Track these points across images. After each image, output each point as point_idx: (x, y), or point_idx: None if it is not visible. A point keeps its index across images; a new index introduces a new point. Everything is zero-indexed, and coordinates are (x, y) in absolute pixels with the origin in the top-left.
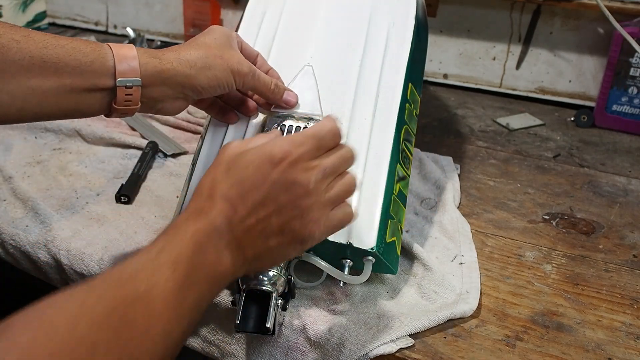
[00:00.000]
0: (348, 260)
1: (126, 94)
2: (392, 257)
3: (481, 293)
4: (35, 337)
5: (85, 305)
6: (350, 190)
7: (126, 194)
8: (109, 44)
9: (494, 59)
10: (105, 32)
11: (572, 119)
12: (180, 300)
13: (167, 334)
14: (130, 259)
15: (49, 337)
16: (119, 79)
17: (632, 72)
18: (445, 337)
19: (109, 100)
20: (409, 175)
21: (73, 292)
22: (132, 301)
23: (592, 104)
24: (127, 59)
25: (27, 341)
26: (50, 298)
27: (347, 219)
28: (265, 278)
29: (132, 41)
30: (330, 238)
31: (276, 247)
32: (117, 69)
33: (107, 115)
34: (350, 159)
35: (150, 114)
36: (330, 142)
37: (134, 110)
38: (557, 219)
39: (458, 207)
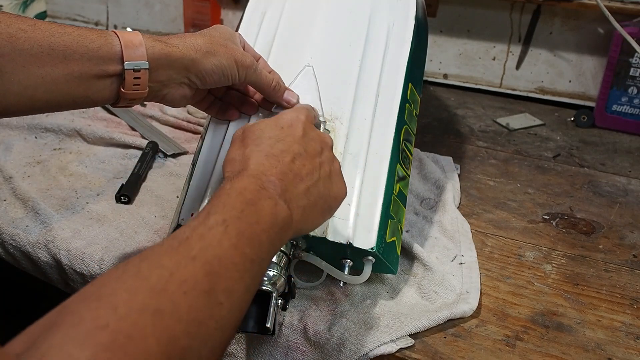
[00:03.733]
0: (348, 260)
1: (134, 78)
2: (392, 257)
3: (481, 293)
4: (97, 315)
5: (141, 275)
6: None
7: (126, 194)
8: (114, 30)
9: (494, 59)
10: None
11: (572, 119)
12: (238, 257)
13: (230, 292)
14: (178, 229)
15: (110, 312)
16: (126, 62)
17: (632, 72)
18: (445, 337)
19: (117, 86)
20: (409, 175)
21: (126, 265)
22: (187, 263)
23: (592, 104)
24: (134, 44)
25: (90, 320)
26: (102, 275)
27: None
28: (265, 278)
29: None
30: (330, 238)
31: (325, 194)
32: (125, 54)
33: (115, 104)
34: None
35: (150, 114)
36: (312, 114)
37: (142, 95)
38: (557, 219)
39: (458, 207)
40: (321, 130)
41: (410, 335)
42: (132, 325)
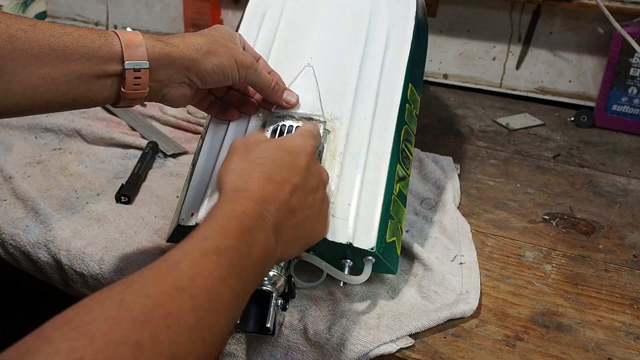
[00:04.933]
0: (348, 260)
1: (135, 77)
2: (392, 257)
3: (481, 293)
4: (74, 347)
5: (124, 304)
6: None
7: (126, 194)
8: (114, 30)
9: (494, 59)
10: None
11: (572, 119)
12: (225, 291)
13: (212, 328)
14: (171, 251)
15: (88, 343)
16: (127, 62)
17: (632, 72)
18: (445, 337)
19: (117, 86)
20: (409, 175)
21: (110, 291)
22: (175, 295)
23: (592, 104)
24: (134, 43)
25: (66, 352)
26: (85, 301)
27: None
28: (265, 278)
29: None
30: (330, 238)
31: (308, 231)
32: (125, 54)
33: (116, 104)
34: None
35: (150, 114)
36: (318, 141)
37: (142, 95)
38: (557, 219)
39: (458, 207)
40: (321, 130)
41: (410, 335)
42: (113, 358)
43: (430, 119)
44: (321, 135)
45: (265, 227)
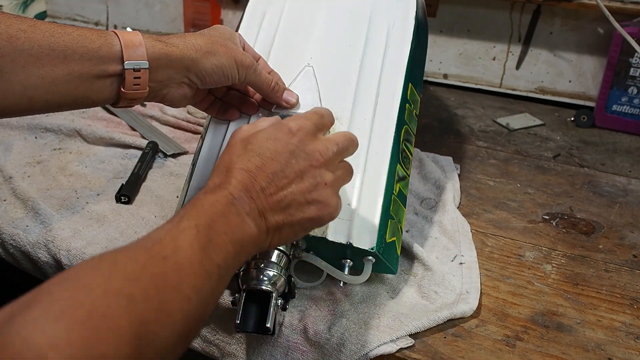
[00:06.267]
0: (348, 260)
1: (134, 77)
2: (392, 257)
3: (481, 293)
4: (74, 294)
5: (118, 264)
6: (349, 177)
7: (126, 194)
8: (114, 30)
9: (494, 59)
10: None
11: (572, 119)
12: (206, 260)
13: (197, 290)
14: (152, 231)
15: (87, 293)
16: (126, 62)
17: (632, 72)
18: (445, 337)
19: (117, 86)
20: (409, 175)
21: (103, 255)
22: (161, 260)
23: (592, 104)
24: (134, 43)
25: (66, 299)
26: (79, 263)
27: (339, 208)
28: (265, 278)
29: None
30: (330, 238)
31: (297, 217)
32: (125, 54)
33: (116, 104)
34: (355, 141)
35: (150, 114)
36: (328, 121)
37: (142, 95)
38: (557, 219)
39: (458, 207)
40: None
41: (410, 335)
42: (107, 306)
43: (430, 119)
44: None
45: (239, 213)
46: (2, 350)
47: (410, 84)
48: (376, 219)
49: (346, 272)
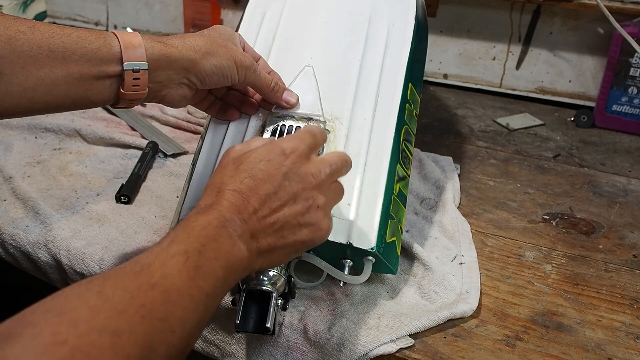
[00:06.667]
0: (348, 260)
1: (134, 78)
2: (392, 257)
3: (481, 293)
4: (57, 330)
5: (104, 295)
6: (340, 197)
7: (126, 194)
8: (113, 31)
9: (494, 59)
10: None
11: (572, 119)
12: (195, 289)
13: (184, 322)
14: (141, 254)
15: (72, 329)
16: (126, 63)
17: (632, 72)
18: (445, 337)
19: (117, 87)
20: (409, 175)
21: (89, 284)
22: (149, 288)
23: (592, 104)
24: (133, 44)
25: (49, 335)
26: (64, 290)
27: (330, 229)
28: (265, 278)
29: None
30: (330, 238)
31: (289, 240)
32: (124, 54)
33: (115, 105)
34: (349, 162)
35: (150, 114)
36: (321, 140)
37: (141, 96)
38: (557, 219)
39: (458, 207)
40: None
41: (410, 335)
42: (91, 344)
43: (430, 119)
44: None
45: (231, 235)
46: None
47: (410, 84)
48: (376, 219)
49: (346, 272)
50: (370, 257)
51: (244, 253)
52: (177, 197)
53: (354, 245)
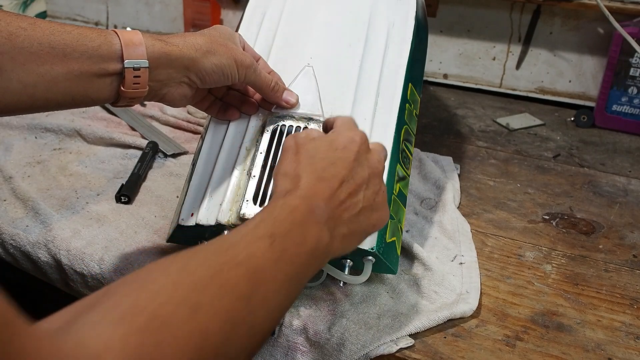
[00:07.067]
0: (348, 260)
1: (134, 76)
2: (392, 257)
3: (481, 293)
4: (137, 299)
5: (187, 269)
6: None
7: (126, 194)
8: (114, 29)
9: (494, 59)
10: None
11: (572, 119)
12: (279, 272)
13: (266, 303)
14: (229, 232)
15: (151, 298)
16: (126, 61)
17: (632, 72)
18: (445, 337)
19: (117, 85)
20: (409, 175)
21: (175, 258)
22: (233, 267)
23: (592, 104)
24: (134, 42)
25: (129, 302)
26: (150, 265)
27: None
28: None
29: None
30: None
31: (364, 224)
32: (125, 52)
33: (115, 103)
34: (386, 155)
35: (150, 114)
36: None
37: (142, 94)
38: (557, 219)
39: (458, 207)
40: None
41: (410, 335)
42: (170, 314)
43: (430, 119)
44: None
45: (318, 221)
46: (57, 352)
47: (410, 84)
48: None
49: (346, 272)
50: (370, 257)
51: (327, 239)
52: (177, 197)
53: None
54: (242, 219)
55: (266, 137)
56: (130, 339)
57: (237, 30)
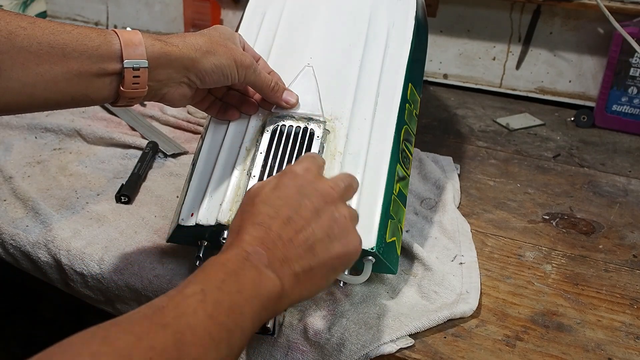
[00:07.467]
0: None
1: (134, 76)
2: (392, 257)
3: (481, 293)
4: None
5: (108, 340)
6: (357, 219)
7: (126, 194)
8: (113, 29)
9: (494, 59)
10: None
11: (572, 119)
12: (214, 326)
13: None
14: (157, 298)
15: None
16: (126, 61)
17: (632, 72)
18: (445, 337)
19: (116, 85)
20: (409, 175)
21: (96, 330)
22: (160, 328)
23: (592, 104)
24: (133, 42)
25: None
26: (71, 338)
27: (361, 243)
28: None
29: None
30: None
31: (324, 257)
32: (124, 52)
33: (115, 103)
34: (355, 181)
35: (150, 114)
36: (322, 162)
37: (141, 94)
38: (557, 219)
39: (458, 207)
40: (320, 130)
41: (410, 335)
42: None
43: (430, 119)
44: (321, 137)
45: (256, 266)
46: None
47: (410, 84)
48: (376, 219)
49: (346, 272)
50: (370, 257)
51: (275, 281)
52: (177, 197)
53: None
54: None
55: (266, 137)
56: None
57: (237, 30)
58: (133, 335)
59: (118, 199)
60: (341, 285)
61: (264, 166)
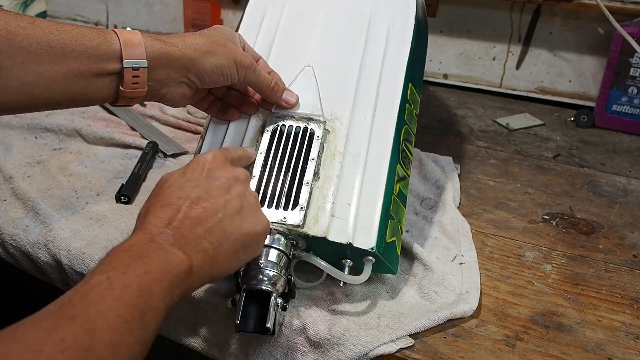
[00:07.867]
0: (348, 260)
1: (133, 76)
2: (392, 257)
3: (481, 293)
4: None
5: (15, 338)
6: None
7: (126, 194)
8: (113, 29)
9: (494, 59)
10: None
11: (572, 119)
12: (124, 309)
13: (114, 346)
14: (63, 294)
15: None
16: (125, 61)
17: (632, 72)
18: (445, 337)
19: (116, 84)
20: (409, 175)
21: (3, 332)
22: (66, 322)
23: (592, 104)
24: (133, 42)
25: None
26: None
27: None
28: (265, 278)
29: None
30: (330, 238)
31: (234, 233)
32: (124, 52)
33: (114, 103)
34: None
35: (150, 114)
36: (234, 153)
37: (141, 94)
38: (557, 219)
39: (458, 207)
40: (320, 130)
41: (410, 335)
42: None
43: (430, 119)
44: (321, 137)
45: (162, 246)
46: None
47: (410, 84)
48: (376, 219)
49: (346, 272)
50: (370, 257)
51: (183, 259)
52: None
53: (354, 245)
54: None
55: (266, 137)
56: None
57: (237, 30)
58: (42, 330)
59: (118, 199)
60: (341, 285)
61: (264, 166)
